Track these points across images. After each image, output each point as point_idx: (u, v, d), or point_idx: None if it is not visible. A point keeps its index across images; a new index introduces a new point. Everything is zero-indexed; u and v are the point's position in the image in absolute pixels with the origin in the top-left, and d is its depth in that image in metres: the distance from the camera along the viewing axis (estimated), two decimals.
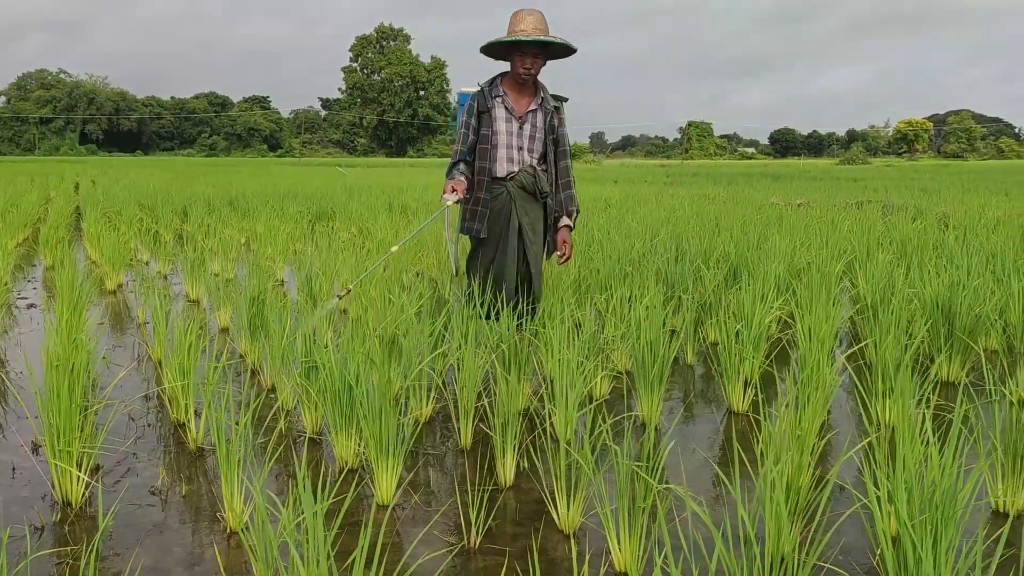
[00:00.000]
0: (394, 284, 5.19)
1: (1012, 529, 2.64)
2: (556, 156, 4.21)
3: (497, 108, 4.05)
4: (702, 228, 8.32)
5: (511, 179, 4.10)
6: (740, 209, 11.69)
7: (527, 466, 3.09)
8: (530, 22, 3.89)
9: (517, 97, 4.08)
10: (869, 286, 5.02)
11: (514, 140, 4.08)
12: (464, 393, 3.38)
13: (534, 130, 4.11)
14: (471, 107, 4.06)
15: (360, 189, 17.52)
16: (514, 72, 4.03)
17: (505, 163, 4.09)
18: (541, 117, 4.11)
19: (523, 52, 3.94)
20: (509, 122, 4.06)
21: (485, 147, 4.07)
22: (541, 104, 4.11)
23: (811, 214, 10.60)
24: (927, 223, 9.17)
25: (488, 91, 4.08)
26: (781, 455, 2.34)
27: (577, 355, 3.62)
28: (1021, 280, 4.73)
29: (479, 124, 4.08)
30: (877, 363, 3.66)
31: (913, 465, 2.13)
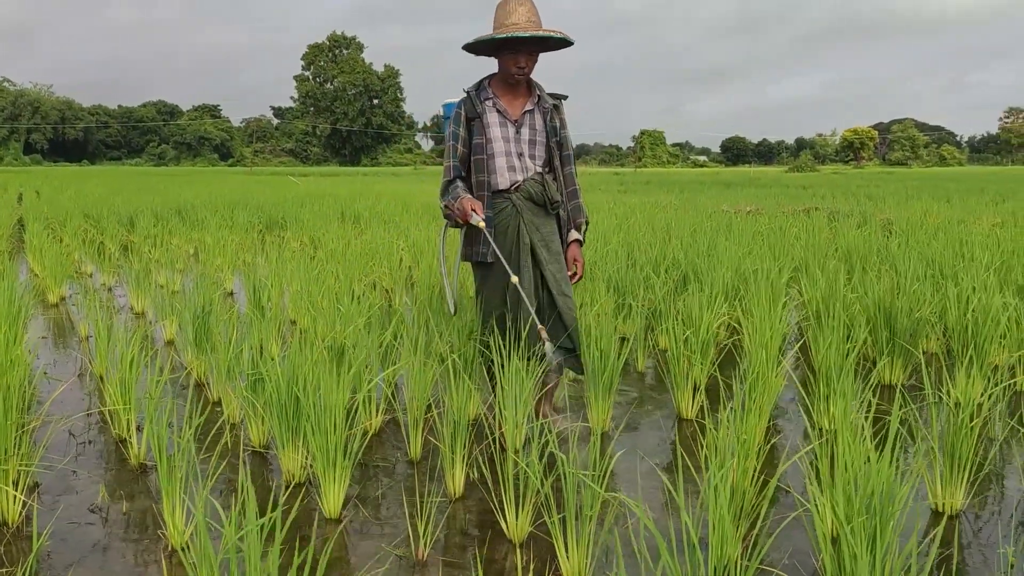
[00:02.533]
0: (344, 294, 5.15)
1: (949, 529, 2.70)
2: (561, 161, 3.64)
3: (489, 113, 3.49)
4: (653, 236, 8.40)
5: (515, 190, 3.50)
6: (691, 216, 11.83)
7: (477, 476, 3.09)
8: (522, 14, 3.37)
9: (510, 99, 3.53)
10: (814, 292, 5.12)
11: (512, 146, 3.50)
12: (413, 404, 3.36)
13: (533, 133, 3.54)
14: (458, 115, 3.52)
15: (312, 198, 17.37)
16: (505, 71, 3.46)
17: (506, 173, 3.49)
18: (540, 118, 3.56)
19: (516, 49, 3.39)
20: (504, 127, 3.49)
21: (481, 158, 3.49)
22: (538, 104, 3.56)
23: (760, 221, 10.76)
24: (871, 229, 9.37)
25: (476, 95, 3.52)
26: (725, 461, 2.36)
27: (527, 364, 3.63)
28: (958, 284, 4.86)
29: (470, 133, 3.51)
30: (820, 368, 3.73)
31: (851, 468, 2.17)
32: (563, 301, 3.53)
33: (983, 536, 2.65)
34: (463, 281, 5.28)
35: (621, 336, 5.07)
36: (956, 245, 6.99)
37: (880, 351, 4.41)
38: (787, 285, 5.92)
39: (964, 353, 4.05)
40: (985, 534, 2.66)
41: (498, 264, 3.46)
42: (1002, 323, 4.18)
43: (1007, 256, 6.19)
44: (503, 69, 3.48)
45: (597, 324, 3.82)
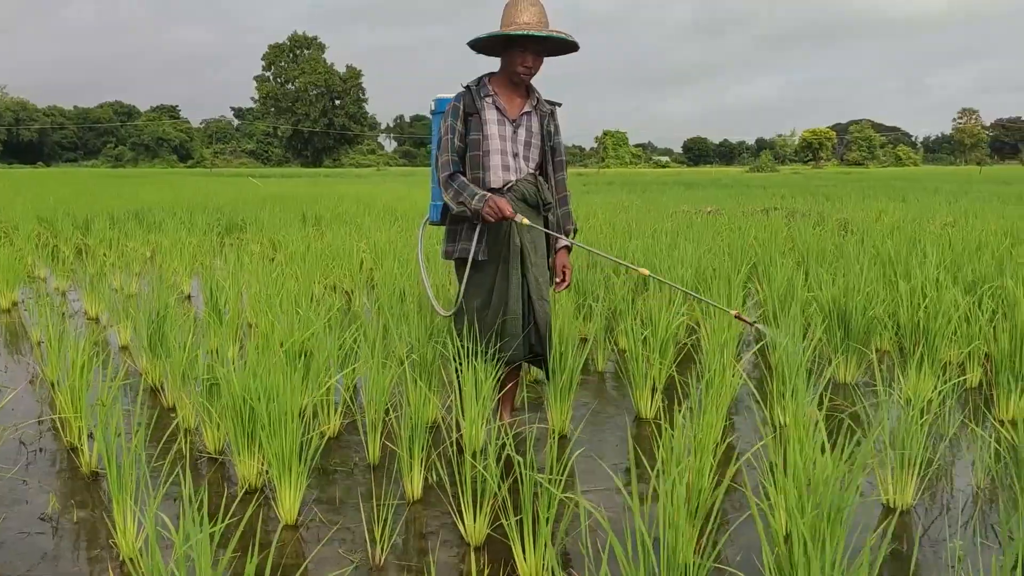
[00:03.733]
0: (303, 296, 5.10)
1: (900, 524, 2.75)
2: (554, 167, 3.62)
3: (488, 109, 3.44)
4: (614, 236, 8.45)
5: (509, 190, 3.47)
6: (652, 217, 11.92)
7: (436, 479, 3.08)
8: (534, 13, 3.33)
9: (509, 98, 3.49)
10: (771, 291, 5.18)
11: (508, 145, 3.47)
12: (372, 407, 3.34)
13: (529, 135, 3.52)
14: (456, 109, 3.45)
15: (273, 200, 17.20)
16: (511, 70, 3.41)
17: (501, 171, 3.45)
18: (536, 121, 3.53)
19: (524, 48, 3.35)
20: (502, 125, 3.45)
21: (476, 154, 3.44)
22: (536, 107, 3.54)
23: (719, 221, 10.87)
24: (828, 229, 9.51)
25: (476, 90, 3.47)
26: (681, 460, 2.38)
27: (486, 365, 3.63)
28: (910, 282, 4.95)
29: (467, 128, 3.45)
30: (776, 366, 3.77)
31: (803, 465, 2.20)
32: (540, 306, 3.50)
33: (933, 530, 2.70)
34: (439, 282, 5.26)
35: (582, 337, 5.09)
36: (909, 244, 7.12)
37: (835, 349, 4.48)
38: (745, 284, 5.99)
39: (915, 350, 4.12)
40: (935, 528, 2.71)
41: (487, 264, 3.45)
42: (953, 320, 4.26)
43: (958, 254, 6.32)
44: (508, 68, 3.43)
45: (556, 325, 3.83)
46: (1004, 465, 2.88)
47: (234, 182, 34.85)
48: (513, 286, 3.44)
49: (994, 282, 5.13)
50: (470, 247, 3.44)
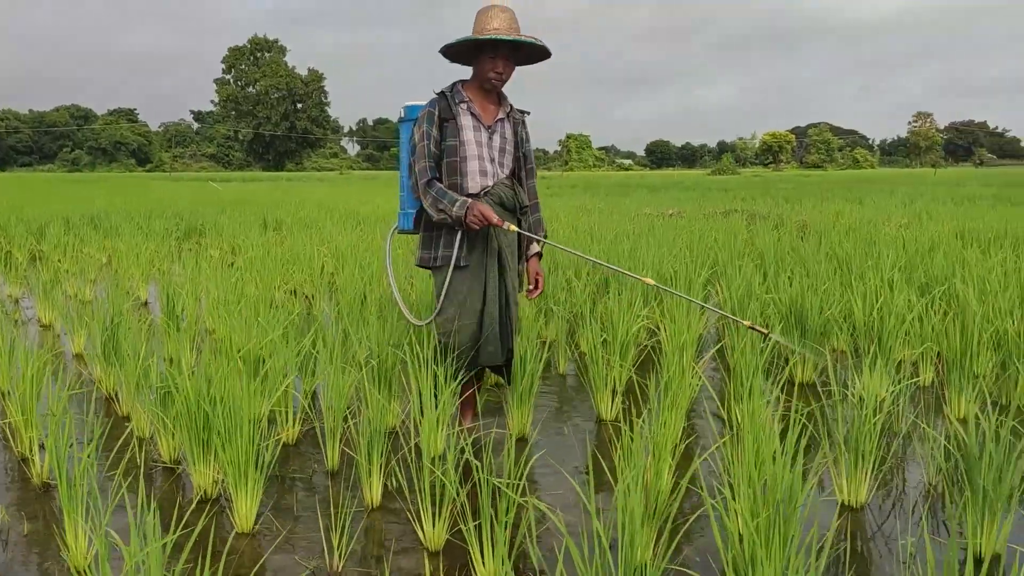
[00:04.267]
0: (262, 302, 5.05)
1: (855, 521, 2.79)
2: (525, 174, 3.63)
3: (463, 115, 3.43)
4: (576, 238, 8.48)
5: (486, 195, 3.46)
6: (615, 219, 11.98)
7: (395, 485, 3.06)
8: (504, 20, 3.35)
9: (483, 105, 3.49)
10: (730, 293, 5.23)
11: (485, 151, 3.46)
12: (330, 413, 3.31)
13: (504, 142, 3.53)
14: (431, 115, 3.42)
15: (233, 204, 17.01)
16: (482, 76, 3.42)
17: (478, 177, 3.44)
18: (510, 128, 3.56)
19: (495, 53, 3.37)
20: (478, 131, 3.45)
21: (453, 160, 3.42)
22: (509, 114, 3.56)
23: (681, 224, 10.96)
24: (787, 231, 9.64)
25: (451, 96, 3.46)
26: (638, 462, 2.39)
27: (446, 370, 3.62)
28: (866, 284, 5.03)
29: (442, 135, 3.43)
30: (735, 367, 3.81)
31: (758, 466, 2.22)
32: (514, 310, 3.52)
33: (886, 528, 2.74)
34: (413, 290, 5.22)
35: (543, 340, 5.10)
36: (865, 245, 7.24)
37: (792, 350, 4.53)
38: (705, 286, 6.04)
39: (870, 350, 4.19)
40: (888, 526, 2.75)
41: (467, 270, 3.42)
42: (906, 321, 4.34)
43: (911, 256, 6.43)
44: (480, 74, 3.44)
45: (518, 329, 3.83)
46: (954, 463, 2.93)
47: (194, 186, 34.42)
48: (491, 289, 3.44)
49: (946, 283, 5.23)
50: (451, 254, 3.41)
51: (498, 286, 3.46)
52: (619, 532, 2.06)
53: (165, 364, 3.64)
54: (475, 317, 3.44)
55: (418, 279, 5.95)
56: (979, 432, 2.55)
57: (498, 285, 3.46)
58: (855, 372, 4.26)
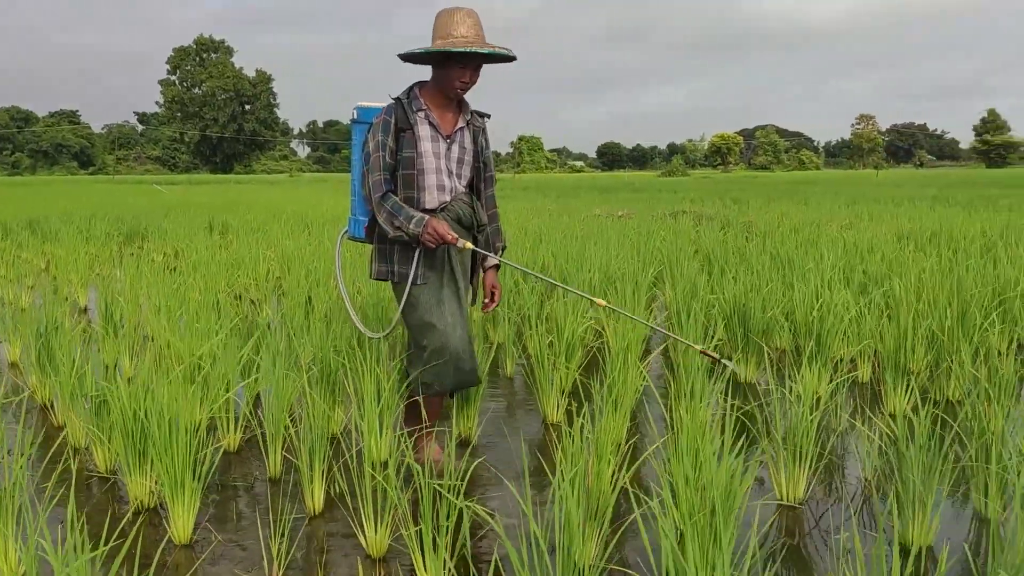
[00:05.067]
0: (205, 307, 4.96)
1: (792, 518, 2.84)
2: (484, 182, 3.46)
3: (421, 125, 3.23)
4: (525, 240, 8.50)
5: (443, 211, 3.29)
6: (566, 221, 12.04)
7: (337, 492, 3.03)
8: (471, 26, 3.16)
9: (441, 112, 3.30)
10: (675, 293, 5.29)
11: (443, 164, 3.28)
12: (272, 419, 3.27)
13: (462, 152, 3.34)
14: (387, 124, 3.21)
15: (178, 208, 16.72)
16: (448, 85, 3.21)
17: (436, 192, 3.26)
18: (469, 137, 3.37)
19: (465, 64, 3.17)
20: (436, 142, 3.26)
21: (410, 173, 3.22)
22: (469, 122, 3.38)
23: (630, 225, 11.06)
24: (733, 232, 9.78)
25: (408, 103, 3.25)
26: (578, 464, 2.40)
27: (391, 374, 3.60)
28: (809, 284, 5.12)
29: (398, 145, 3.23)
30: (677, 367, 3.85)
31: (697, 464, 2.24)
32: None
33: (824, 523, 2.79)
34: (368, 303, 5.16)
35: (491, 343, 5.10)
36: (807, 246, 7.38)
37: (736, 349, 4.60)
38: (651, 287, 6.10)
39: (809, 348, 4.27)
40: (825, 521, 2.80)
41: (425, 288, 3.24)
42: (844, 320, 4.43)
43: (851, 256, 6.57)
44: (445, 82, 3.21)
45: None
46: (886, 459, 3.00)
47: (138, 189, 33.74)
48: (450, 307, 3.26)
49: (884, 283, 5.35)
50: (407, 271, 3.24)
51: (457, 304, 3.29)
52: (556, 535, 2.06)
53: (102, 372, 3.55)
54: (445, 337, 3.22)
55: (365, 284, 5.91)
56: (909, 428, 2.61)
57: (457, 302, 3.29)
58: (796, 370, 4.33)
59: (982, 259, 6.28)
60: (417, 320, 3.23)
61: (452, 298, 3.28)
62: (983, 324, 4.31)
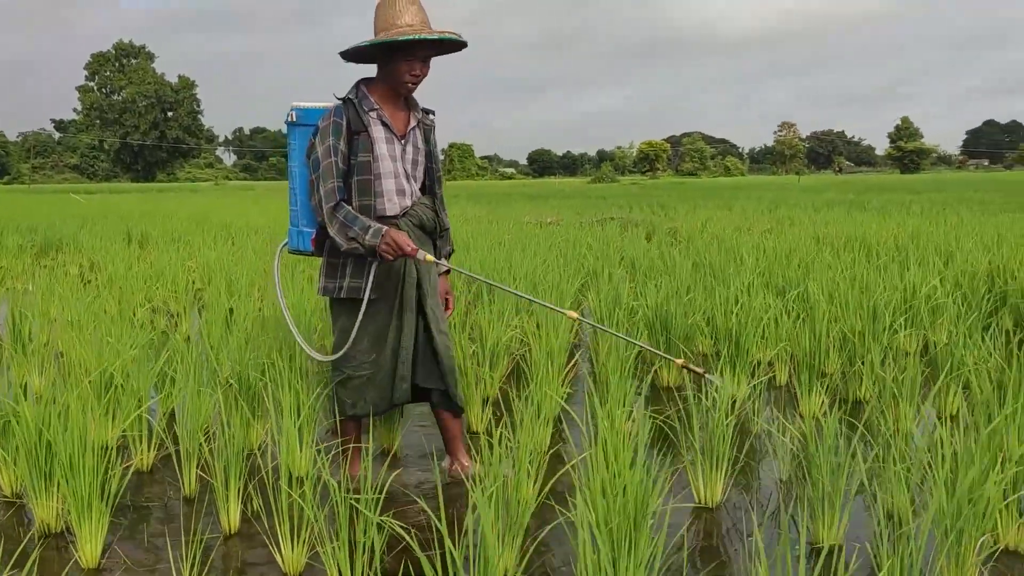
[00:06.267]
0: (122, 321, 4.81)
1: (710, 521, 2.88)
2: (436, 183, 3.30)
3: (375, 126, 3.03)
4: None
5: (405, 216, 3.12)
6: (496, 228, 12.05)
7: (254, 510, 2.96)
8: (415, 13, 2.95)
9: (392, 111, 3.09)
10: (600, 299, 5.34)
11: (399, 167, 3.09)
12: (186, 435, 3.18)
13: (416, 152, 3.17)
14: (337, 126, 2.98)
15: (96, 218, 16.21)
16: (397, 80, 3.00)
17: (395, 197, 3.09)
18: (421, 136, 3.19)
19: (413, 53, 2.96)
20: (391, 144, 3.07)
21: (366, 179, 3.01)
22: (420, 120, 3.20)
23: (558, 232, 11.13)
24: (657, 238, 9.94)
25: (359, 104, 3.03)
26: (498, 475, 2.40)
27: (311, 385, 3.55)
28: (730, 289, 5.23)
29: (351, 149, 3.01)
30: (600, 373, 3.88)
31: (614, 471, 2.26)
32: (441, 339, 3.18)
33: (740, 525, 2.85)
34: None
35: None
36: (728, 252, 7.53)
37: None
38: (577, 295, 6.14)
39: (729, 352, 4.35)
40: (741, 524, 2.86)
41: (378, 302, 3.09)
42: (762, 323, 4.53)
43: (771, 260, 6.74)
44: (393, 77, 3.01)
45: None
46: (797, 461, 3.08)
47: (55, 199, 32.62)
48: (407, 325, 3.12)
49: (800, 286, 5.50)
50: (360, 285, 3.04)
51: (415, 319, 3.15)
52: (471, 548, 2.06)
53: (8, 391, 3.40)
54: (390, 353, 3.12)
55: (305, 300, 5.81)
56: (819, 429, 2.68)
57: (415, 319, 3.15)
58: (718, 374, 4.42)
59: (893, 263, 6.52)
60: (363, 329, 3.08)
61: (411, 312, 3.13)
62: (892, 326, 4.46)
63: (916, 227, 10.11)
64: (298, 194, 3.18)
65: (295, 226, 3.24)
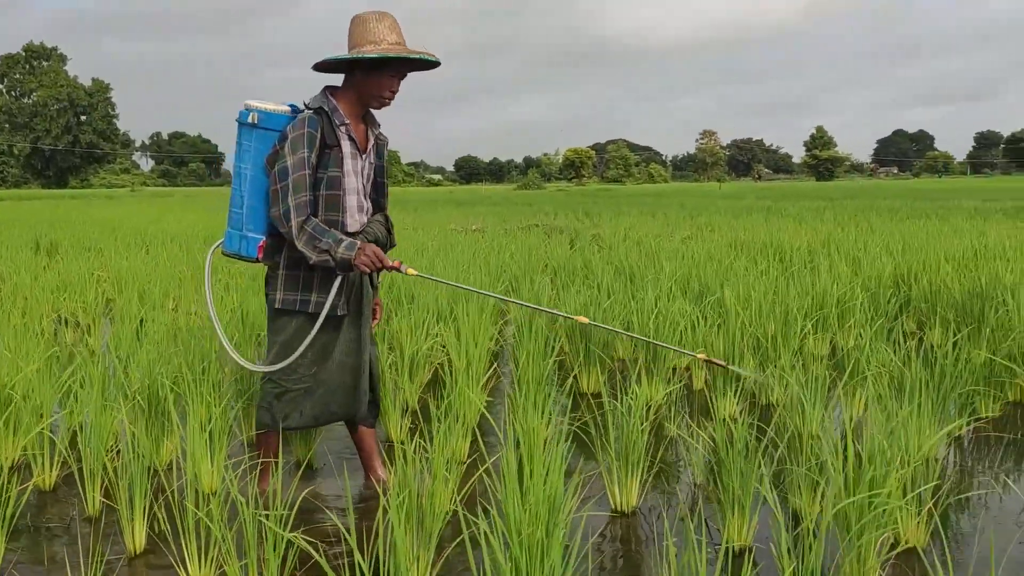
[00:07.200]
0: (26, 333, 4.61)
1: (626, 526, 2.91)
2: (385, 197, 3.32)
3: (344, 141, 3.00)
4: None
5: (361, 233, 3.10)
6: (420, 235, 11.99)
7: (161, 528, 2.87)
8: (398, 31, 2.99)
9: (356, 125, 3.07)
10: (520, 307, 5.35)
11: (358, 182, 3.09)
12: (90, 453, 3.07)
13: (371, 168, 3.19)
14: (312, 138, 2.92)
15: (2, 225, 15.54)
16: (375, 94, 3.01)
17: (357, 214, 3.07)
18: (375, 153, 3.22)
19: (398, 71, 3.01)
20: (356, 159, 3.05)
21: (335, 194, 2.97)
22: (376, 136, 3.21)
23: (482, 239, 11.14)
24: (580, 245, 10.03)
25: (332, 116, 2.99)
26: (411, 485, 2.38)
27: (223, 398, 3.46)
28: (648, 295, 5.31)
29: (320, 162, 2.95)
30: (520, 380, 3.89)
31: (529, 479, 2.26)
32: (373, 351, 3.27)
33: (655, 530, 2.88)
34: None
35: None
36: (649, 257, 7.66)
37: (579, 362, 4.70)
38: (499, 302, 6.14)
39: (647, 358, 4.42)
40: (658, 528, 2.89)
41: (343, 318, 3.07)
42: (679, 329, 4.61)
43: (689, 267, 6.87)
44: (372, 92, 3.00)
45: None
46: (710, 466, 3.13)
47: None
48: (365, 337, 3.15)
49: (717, 292, 5.62)
50: (326, 300, 2.99)
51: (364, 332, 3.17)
52: (381, 560, 2.03)
53: None
54: (344, 367, 3.11)
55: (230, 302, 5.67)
56: (729, 434, 2.74)
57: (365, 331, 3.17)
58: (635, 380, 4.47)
59: (806, 268, 6.72)
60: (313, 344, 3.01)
61: (368, 326, 3.17)
62: (803, 330, 4.59)
63: (829, 233, 10.45)
64: (245, 197, 3.05)
65: (237, 229, 3.09)
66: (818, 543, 2.19)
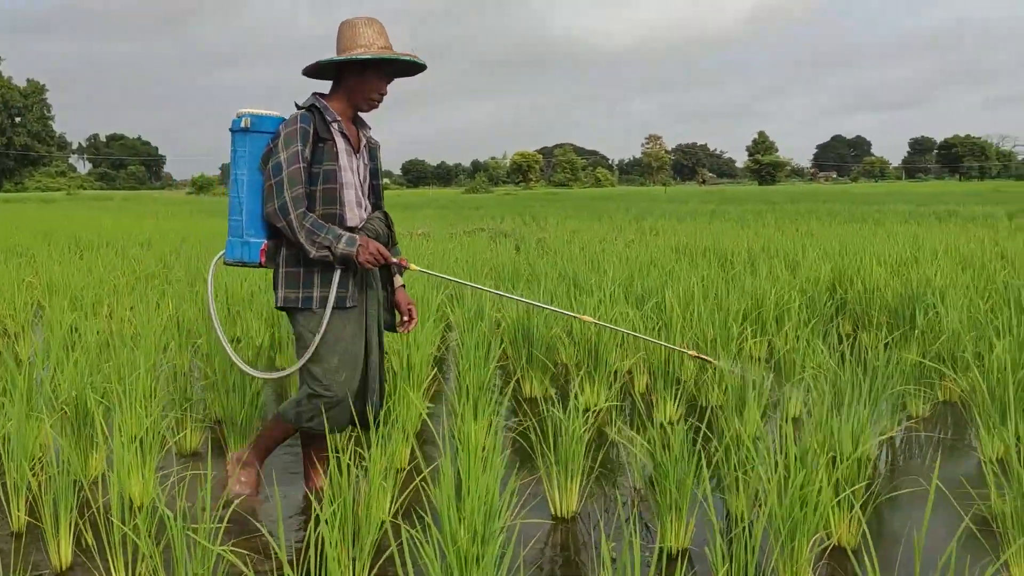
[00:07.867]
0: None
1: (565, 532, 2.91)
2: (381, 200, 3.35)
3: (338, 137, 3.06)
4: None
5: (361, 229, 3.10)
6: None
7: (88, 544, 2.78)
8: (386, 35, 3.07)
9: (347, 126, 3.13)
10: (462, 311, 5.34)
11: (356, 179, 3.13)
12: (14, 465, 2.96)
13: (366, 168, 3.23)
14: (304, 132, 2.96)
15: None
16: (365, 96, 3.08)
17: (356, 208, 3.09)
18: (368, 155, 3.26)
19: (388, 73, 3.10)
20: (350, 156, 3.10)
21: (332, 187, 3.00)
22: (368, 139, 3.27)
23: (426, 244, 11.09)
24: (525, 249, 10.05)
25: (323, 113, 3.05)
26: (344, 494, 2.34)
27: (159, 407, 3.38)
28: (592, 299, 5.33)
29: (315, 157, 3.00)
30: (461, 386, 3.87)
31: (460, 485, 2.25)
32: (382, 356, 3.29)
33: (594, 535, 2.88)
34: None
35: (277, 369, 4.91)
36: (593, 262, 7.70)
37: (521, 367, 4.69)
38: (439, 308, 6.11)
39: (589, 362, 4.43)
40: (596, 533, 2.90)
41: (350, 313, 3.04)
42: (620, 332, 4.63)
43: (633, 271, 6.92)
44: (361, 94, 3.07)
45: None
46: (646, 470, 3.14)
47: None
48: (373, 334, 3.14)
49: (658, 295, 5.67)
50: (328, 294, 2.96)
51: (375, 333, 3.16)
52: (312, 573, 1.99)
53: None
54: (359, 366, 3.09)
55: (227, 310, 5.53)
56: (667, 437, 2.75)
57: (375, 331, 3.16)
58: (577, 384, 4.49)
59: (746, 271, 6.82)
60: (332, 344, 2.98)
61: (375, 324, 3.16)
62: (741, 333, 4.65)
63: (769, 237, 10.64)
64: (244, 202, 3.05)
65: (238, 236, 3.08)
66: (752, 544, 2.22)
